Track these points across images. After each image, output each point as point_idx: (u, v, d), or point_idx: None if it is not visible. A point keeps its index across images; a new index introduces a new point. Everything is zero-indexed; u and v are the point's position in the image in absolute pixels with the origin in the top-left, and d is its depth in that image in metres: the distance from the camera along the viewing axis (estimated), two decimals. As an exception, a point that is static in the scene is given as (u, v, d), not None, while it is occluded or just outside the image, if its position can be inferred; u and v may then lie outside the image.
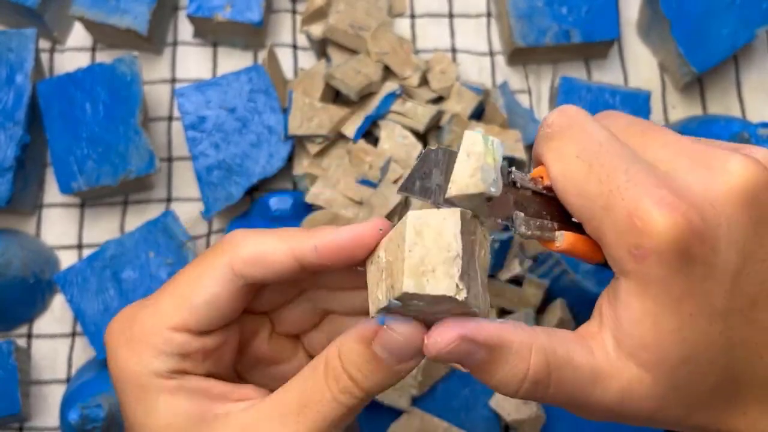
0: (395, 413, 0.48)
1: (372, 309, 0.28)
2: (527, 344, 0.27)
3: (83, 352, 0.52)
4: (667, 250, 0.25)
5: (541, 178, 0.29)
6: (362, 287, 0.29)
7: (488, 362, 0.27)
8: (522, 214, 0.28)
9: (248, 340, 0.35)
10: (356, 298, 0.34)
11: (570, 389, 0.27)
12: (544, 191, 0.29)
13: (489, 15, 0.58)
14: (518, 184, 0.28)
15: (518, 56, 0.56)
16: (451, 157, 0.26)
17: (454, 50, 0.57)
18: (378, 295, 0.27)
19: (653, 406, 0.27)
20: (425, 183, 0.26)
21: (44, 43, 0.57)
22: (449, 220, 0.25)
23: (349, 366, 0.29)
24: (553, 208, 0.29)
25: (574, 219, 0.29)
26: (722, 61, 0.53)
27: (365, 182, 0.50)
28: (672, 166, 0.27)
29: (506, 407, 0.48)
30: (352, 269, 0.30)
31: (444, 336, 0.26)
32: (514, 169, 0.29)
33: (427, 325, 0.27)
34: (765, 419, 0.28)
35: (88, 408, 0.43)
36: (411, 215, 0.25)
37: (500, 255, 0.49)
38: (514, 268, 0.50)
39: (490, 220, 0.28)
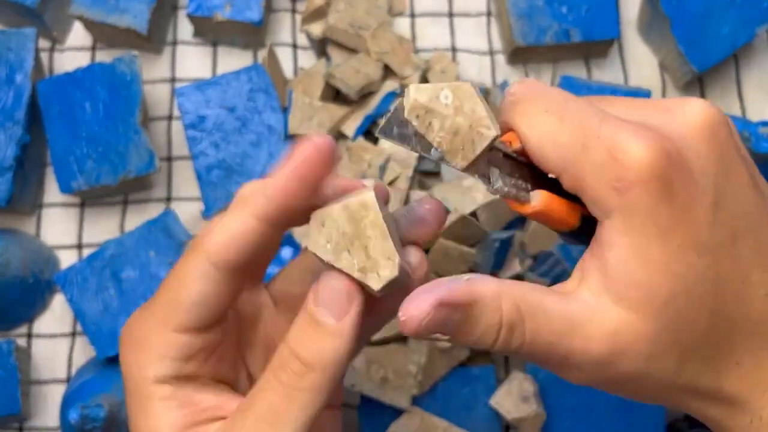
0: (395, 412, 0.48)
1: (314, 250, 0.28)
2: (497, 293, 0.27)
3: (83, 352, 0.52)
4: (649, 179, 0.25)
5: (509, 143, 0.29)
6: None
7: (465, 321, 0.26)
8: (498, 171, 0.28)
9: (251, 324, 0.34)
10: None
11: (547, 337, 0.27)
12: (514, 155, 0.29)
13: (489, 14, 0.58)
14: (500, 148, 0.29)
15: (518, 55, 0.56)
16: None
17: (454, 49, 0.57)
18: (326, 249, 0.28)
19: (645, 351, 0.26)
20: (403, 131, 0.26)
21: (44, 43, 0.57)
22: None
23: (290, 340, 0.28)
24: (524, 171, 0.29)
25: (549, 176, 0.28)
26: (722, 60, 0.53)
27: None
28: (636, 118, 0.28)
29: (506, 406, 0.48)
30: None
31: (420, 307, 0.25)
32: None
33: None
34: (756, 372, 0.27)
35: (88, 408, 0.43)
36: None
37: (500, 254, 0.49)
38: (514, 266, 0.50)
39: (470, 173, 0.28)
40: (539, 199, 0.28)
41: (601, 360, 0.27)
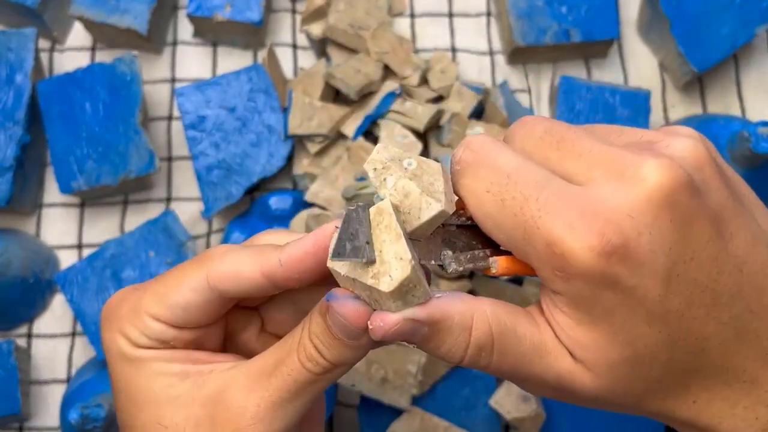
0: (395, 412, 0.48)
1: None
2: (469, 313, 0.27)
3: (83, 352, 0.52)
4: (588, 273, 0.25)
5: (463, 210, 0.29)
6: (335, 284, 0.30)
7: (433, 336, 0.27)
8: (450, 253, 0.29)
9: (237, 332, 0.36)
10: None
11: (513, 359, 0.28)
12: (469, 222, 0.29)
13: (489, 14, 0.58)
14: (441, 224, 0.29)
15: (518, 55, 0.56)
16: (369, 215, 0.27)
17: (453, 49, 0.57)
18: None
19: (598, 395, 0.28)
20: (355, 243, 0.26)
21: (44, 43, 0.57)
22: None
23: (312, 337, 0.30)
24: (482, 236, 0.29)
25: None
26: (722, 60, 0.53)
27: (364, 180, 0.50)
28: (587, 178, 0.27)
29: (506, 406, 0.48)
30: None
31: (386, 320, 0.27)
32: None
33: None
34: (712, 406, 0.28)
35: (89, 408, 0.43)
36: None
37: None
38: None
39: (425, 263, 0.28)
40: (498, 265, 0.29)
41: (553, 388, 0.28)
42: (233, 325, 0.35)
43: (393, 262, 0.26)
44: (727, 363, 0.28)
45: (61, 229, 0.54)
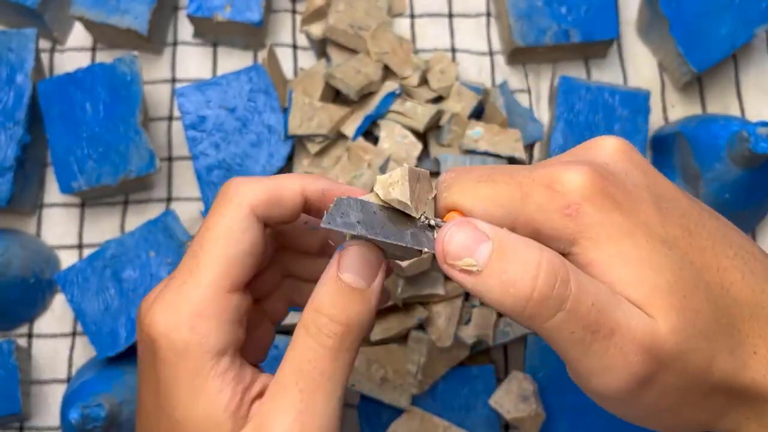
0: (395, 412, 0.49)
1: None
2: (532, 241, 0.27)
3: (83, 352, 0.53)
4: (593, 195, 0.27)
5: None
6: (326, 256, 0.34)
7: (501, 253, 0.27)
8: None
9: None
10: (318, 265, 0.35)
11: (593, 296, 0.26)
12: None
13: (488, 15, 0.58)
14: (434, 224, 0.31)
15: (518, 56, 0.56)
16: (360, 203, 0.30)
17: (453, 50, 0.57)
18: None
19: (677, 339, 0.26)
20: (345, 219, 0.29)
21: (44, 43, 0.57)
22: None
23: (324, 308, 0.30)
24: None
25: None
26: (721, 60, 0.53)
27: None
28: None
29: (506, 405, 0.48)
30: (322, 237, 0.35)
31: (448, 224, 0.28)
32: (427, 216, 0.31)
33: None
34: None
35: (89, 407, 0.43)
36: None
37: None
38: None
39: (419, 248, 0.30)
40: None
41: (644, 339, 0.26)
42: None
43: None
44: (757, 299, 0.28)
45: (61, 229, 0.54)
